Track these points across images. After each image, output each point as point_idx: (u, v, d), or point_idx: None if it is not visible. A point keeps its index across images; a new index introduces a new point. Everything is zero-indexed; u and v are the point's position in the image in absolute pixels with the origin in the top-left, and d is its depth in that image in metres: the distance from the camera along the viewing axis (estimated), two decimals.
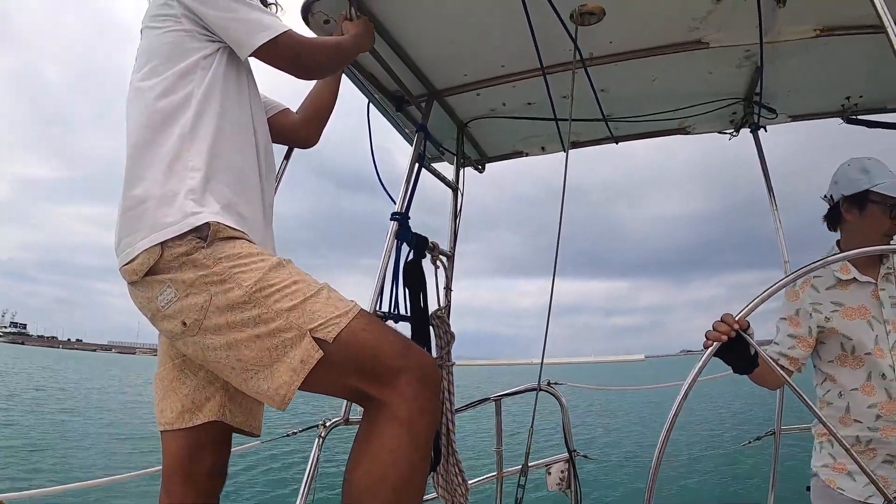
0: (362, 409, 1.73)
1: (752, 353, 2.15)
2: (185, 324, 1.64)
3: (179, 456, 1.90)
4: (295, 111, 2.56)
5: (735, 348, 2.06)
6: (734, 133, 4.13)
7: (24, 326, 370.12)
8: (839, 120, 4.04)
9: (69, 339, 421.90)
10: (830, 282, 2.53)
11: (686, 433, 21.43)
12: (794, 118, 4.09)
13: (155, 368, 1.98)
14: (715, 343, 2.01)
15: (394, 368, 1.61)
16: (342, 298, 1.71)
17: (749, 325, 2.06)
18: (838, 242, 2.63)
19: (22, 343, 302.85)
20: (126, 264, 1.70)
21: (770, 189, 3.97)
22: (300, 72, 2.18)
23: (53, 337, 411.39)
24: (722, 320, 2.05)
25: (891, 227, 2.41)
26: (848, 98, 3.89)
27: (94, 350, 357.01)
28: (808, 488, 2.66)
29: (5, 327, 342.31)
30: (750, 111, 3.90)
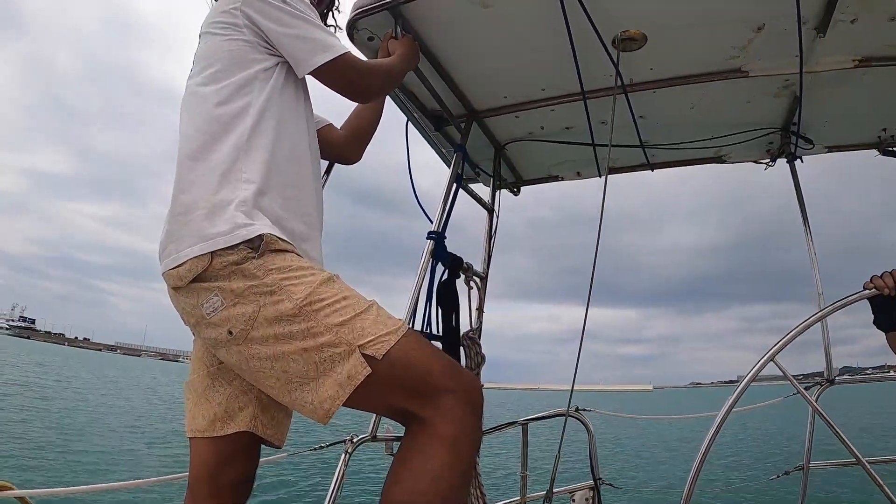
0: (389, 427, 1.72)
1: None
2: (231, 332, 1.63)
3: (208, 464, 1.89)
4: (339, 127, 2.58)
5: (888, 303, 2.17)
6: (771, 163, 4.10)
7: (33, 322, 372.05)
8: (875, 151, 4.00)
9: (76, 338, 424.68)
10: None
11: (711, 465, 21.01)
12: (831, 149, 4.05)
13: (155, 373, 1.96)
14: (874, 289, 2.10)
15: (441, 388, 1.61)
16: (391, 316, 1.71)
17: None
18: None
19: (28, 338, 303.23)
20: (172, 269, 1.70)
21: (805, 220, 3.92)
22: (354, 95, 2.21)
23: (61, 334, 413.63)
24: (891, 274, 2.12)
25: None
26: (885, 129, 3.85)
27: (100, 350, 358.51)
28: None
29: (14, 321, 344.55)
30: (787, 141, 3.86)
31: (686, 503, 1.80)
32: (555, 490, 3.64)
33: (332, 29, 2.29)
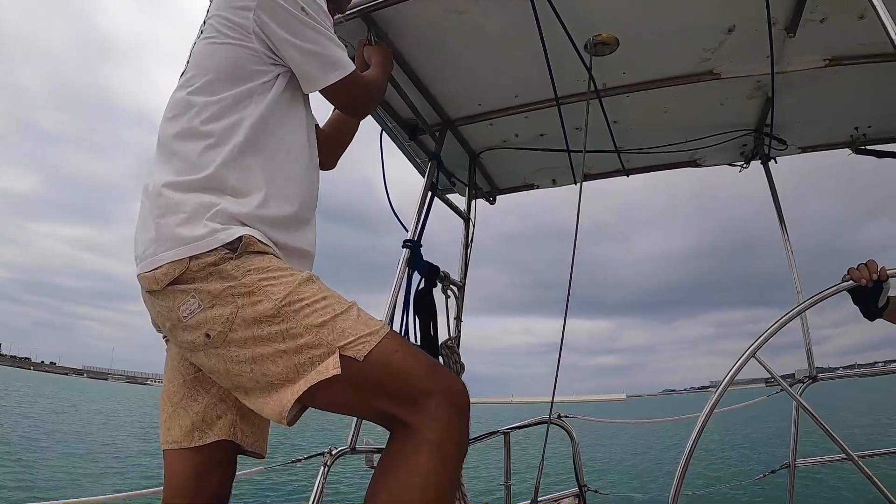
0: (368, 440, 1.68)
1: (881, 305, 2.26)
2: (208, 336, 1.58)
3: (185, 476, 1.82)
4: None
5: (868, 294, 2.19)
6: (745, 165, 4.13)
7: None
8: (848, 150, 4.05)
9: (42, 362, 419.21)
10: None
11: (698, 467, 21.19)
12: (805, 149, 4.10)
13: (107, 394, 1.89)
14: (851, 280, 2.14)
15: (424, 391, 1.56)
16: (372, 317, 1.66)
17: (888, 279, 2.16)
18: None
19: None
20: (148, 272, 1.64)
21: (782, 220, 3.95)
22: (355, 112, 2.20)
23: (26, 358, 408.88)
24: (867, 265, 2.16)
25: None
26: (857, 128, 3.90)
27: (66, 374, 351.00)
28: None
29: None
30: (761, 142, 3.89)
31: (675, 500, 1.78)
32: (540, 499, 3.62)
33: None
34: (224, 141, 1.75)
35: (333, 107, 2.25)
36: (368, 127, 3.25)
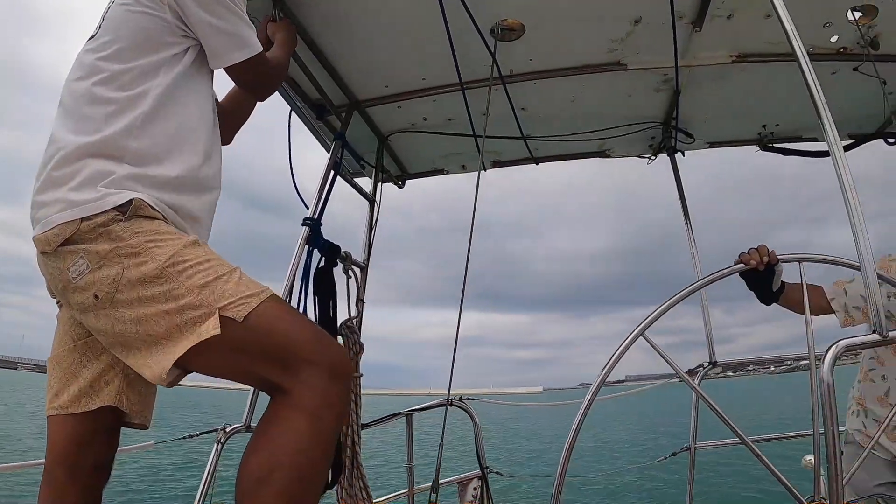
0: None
1: (776, 288, 2.33)
2: (97, 297, 1.58)
3: (67, 443, 1.81)
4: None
5: (761, 278, 2.24)
6: (652, 157, 4.23)
7: None
8: (756, 147, 4.21)
9: None
10: None
11: (605, 450, 21.83)
12: (712, 144, 4.22)
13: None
14: (742, 264, 2.17)
15: (303, 358, 1.56)
16: (256, 282, 1.66)
17: (779, 263, 2.19)
18: None
19: None
20: (41, 233, 1.64)
21: (686, 213, 4.09)
22: (258, 92, 2.21)
23: None
24: (757, 250, 2.19)
25: None
26: (764, 126, 4.04)
27: None
28: (842, 452, 2.82)
29: None
30: (668, 136, 3.98)
31: (560, 480, 1.82)
32: (443, 480, 3.64)
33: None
34: (129, 108, 1.76)
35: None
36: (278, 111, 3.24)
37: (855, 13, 2.93)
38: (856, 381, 2.90)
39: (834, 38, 3.12)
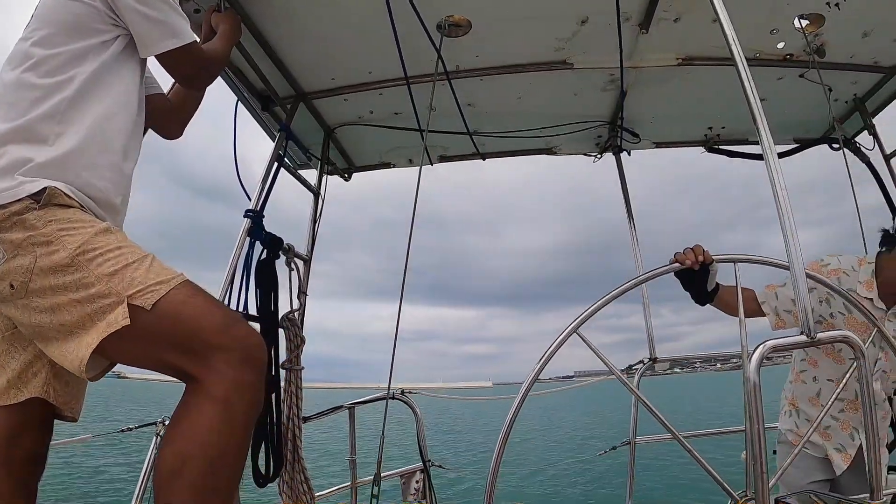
0: None
1: (711, 288, 2.36)
2: (12, 286, 1.56)
3: None
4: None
5: (695, 278, 2.26)
6: (598, 156, 4.29)
7: None
8: (702, 149, 4.30)
9: None
10: (851, 288, 2.64)
11: (547, 443, 22.11)
12: (659, 144, 4.30)
13: None
14: (677, 263, 2.17)
15: (213, 344, 1.54)
16: (167, 268, 1.63)
17: (713, 262, 2.20)
18: (879, 254, 2.72)
19: None
20: None
21: (629, 211, 4.16)
22: (190, 83, 2.18)
23: None
24: (692, 250, 2.19)
25: None
26: (710, 128, 4.13)
27: None
28: (775, 451, 2.94)
29: None
30: (614, 135, 4.04)
31: (494, 474, 1.84)
32: (385, 474, 3.64)
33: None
34: (54, 93, 1.74)
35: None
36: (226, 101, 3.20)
37: (802, 21, 3.01)
38: (787, 382, 2.98)
39: (780, 45, 3.20)
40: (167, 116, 2.37)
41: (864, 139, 4.00)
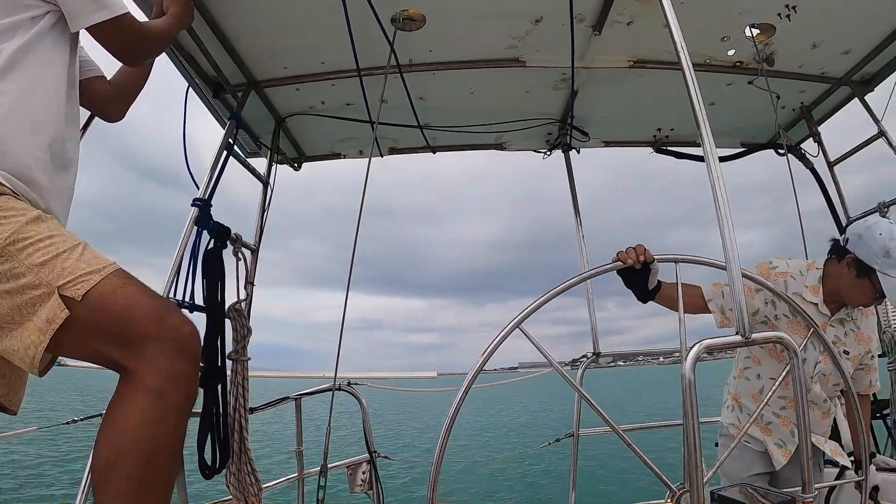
0: None
1: (653, 287, 2.39)
2: None
3: None
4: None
5: (637, 276, 2.29)
6: (548, 153, 4.36)
7: None
8: (650, 149, 4.41)
9: None
10: (797, 291, 2.70)
11: (492, 435, 22.31)
12: (608, 144, 4.38)
13: None
14: (619, 262, 2.19)
15: (146, 334, 1.50)
16: (99, 256, 1.59)
17: (654, 261, 2.22)
18: (828, 262, 2.75)
19: None
20: None
21: (576, 208, 4.22)
22: (125, 57, 2.09)
23: None
24: (634, 249, 2.22)
25: (863, 303, 2.64)
26: (659, 129, 4.23)
27: None
28: (717, 444, 3.04)
29: None
30: (564, 133, 4.10)
31: (437, 466, 1.85)
32: (332, 465, 3.64)
33: None
34: None
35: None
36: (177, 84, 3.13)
37: (753, 30, 3.11)
38: (731, 377, 3.06)
39: (731, 52, 3.28)
40: (108, 99, 2.31)
41: (809, 146, 4.14)
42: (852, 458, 2.91)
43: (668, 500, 1.88)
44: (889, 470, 2.92)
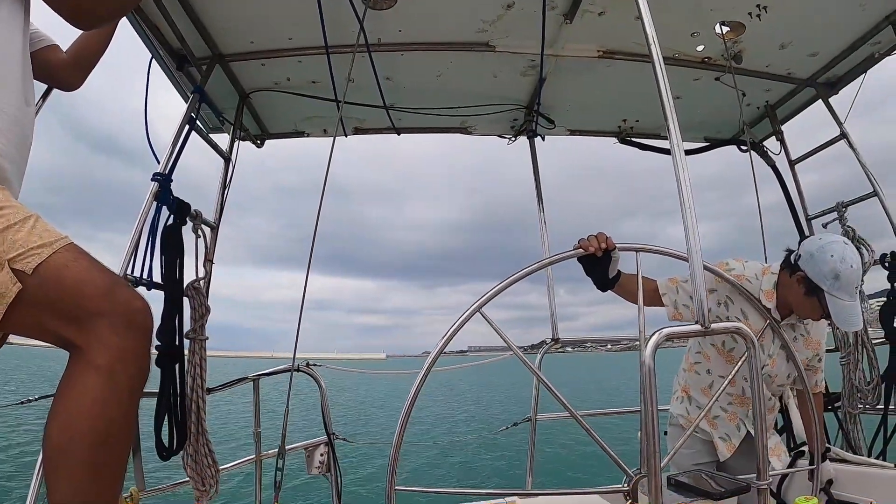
0: None
1: (613, 275, 2.39)
2: None
3: None
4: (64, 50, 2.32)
5: (598, 264, 2.30)
6: (513, 138, 4.38)
7: None
8: (615, 140, 4.45)
9: None
10: (752, 295, 2.68)
11: (451, 419, 22.46)
12: (573, 132, 4.41)
13: None
14: (581, 249, 2.22)
15: (94, 311, 1.45)
16: (50, 230, 1.53)
17: (616, 249, 2.25)
18: (782, 270, 2.75)
19: None
20: None
21: (539, 195, 4.24)
22: (77, 20, 1.98)
23: None
24: (596, 237, 2.24)
25: (812, 318, 2.67)
26: (625, 120, 4.27)
27: None
28: (666, 432, 3.15)
29: None
30: (530, 119, 4.11)
31: (396, 449, 1.86)
32: (289, 446, 3.62)
33: None
34: None
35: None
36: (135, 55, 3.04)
37: (723, 27, 3.15)
38: (681, 370, 3.12)
39: (700, 48, 3.32)
40: (64, 67, 2.25)
41: (771, 144, 4.21)
42: (803, 451, 3.00)
43: (625, 485, 1.91)
44: (841, 461, 3.01)
